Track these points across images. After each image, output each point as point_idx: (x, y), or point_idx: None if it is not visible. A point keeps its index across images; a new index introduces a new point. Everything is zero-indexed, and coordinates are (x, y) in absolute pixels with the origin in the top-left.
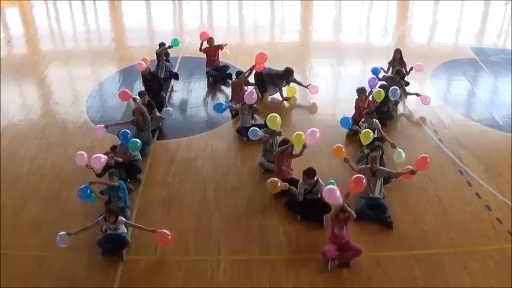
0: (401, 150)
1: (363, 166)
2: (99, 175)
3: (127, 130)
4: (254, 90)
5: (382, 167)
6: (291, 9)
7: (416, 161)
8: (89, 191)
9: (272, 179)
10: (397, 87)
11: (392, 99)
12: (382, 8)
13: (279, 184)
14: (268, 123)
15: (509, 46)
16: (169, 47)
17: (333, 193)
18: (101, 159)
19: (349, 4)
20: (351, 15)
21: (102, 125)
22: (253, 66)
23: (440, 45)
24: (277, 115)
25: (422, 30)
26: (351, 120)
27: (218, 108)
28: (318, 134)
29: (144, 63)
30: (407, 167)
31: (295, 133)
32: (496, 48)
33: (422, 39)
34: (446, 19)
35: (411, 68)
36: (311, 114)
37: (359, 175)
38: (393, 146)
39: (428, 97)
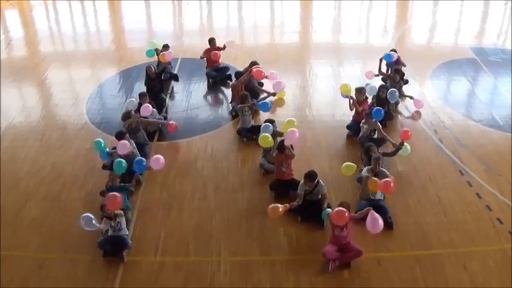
0: (406, 144)
1: (366, 168)
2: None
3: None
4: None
5: (383, 169)
6: (291, 10)
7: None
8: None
9: (272, 205)
10: (395, 90)
11: (391, 101)
12: (382, 9)
13: (280, 210)
14: (260, 143)
15: (508, 46)
16: (166, 46)
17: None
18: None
19: (348, 5)
20: (351, 16)
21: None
22: (250, 70)
23: (440, 46)
24: (269, 135)
25: (422, 30)
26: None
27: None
28: (296, 134)
29: (170, 53)
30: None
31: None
32: (495, 48)
33: (422, 40)
34: (445, 19)
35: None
36: (311, 115)
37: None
38: (395, 146)
39: (421, 101)
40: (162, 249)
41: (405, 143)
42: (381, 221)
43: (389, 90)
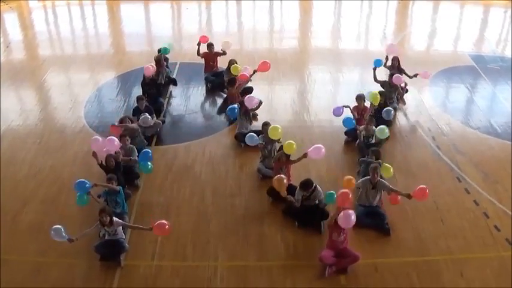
0: (384, 126)
1: (364, 179)
2: (102, 166)
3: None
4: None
5: (383, 180)
6: (290, 15)
7: (416, 190)
8: (87, 185)
9: (279, 176)
10: (391, 109)
11: (386, 119)
12: (381, 15)
13: (285, 181)
14: (270, 135)
15: (508, 54)
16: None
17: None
18: (115, 141)
19: (348, 11)
20: (350, 22)
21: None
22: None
23: (439, 53)
24: (279, 126)
25: (421, 37)
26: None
27: (231, 112)
28: (322, 150)
29: (151, 67)
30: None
31: (286, 142)
32: (494, 55)
33: (421, 47)
34: (445, 26)
35: (416, 74)
36: (309, 120)
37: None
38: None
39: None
40: (159, 254)
41: (383, 127)
42: (353, 217)
43: (384, 109)
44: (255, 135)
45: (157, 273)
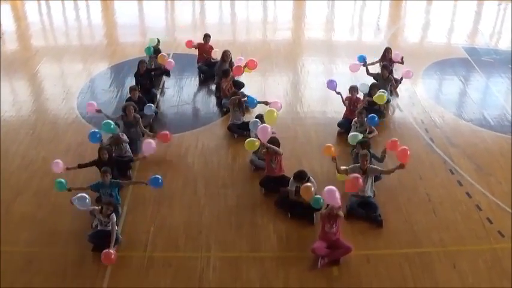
0: (382, 93)
1: (353, 165)
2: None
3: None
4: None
5: (373, 166)
6: (284, 7)
7: (397, 154)
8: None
9: (307, 185)
10: (384, 91)
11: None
12: (375, 7)
13: (312, 189)
14: (265, 119)
15: (501, 46)
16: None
17: (332, 194)
18: (59, 164)
19: (341, 2)
20: (344, 14)
21: (95, 104)
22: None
23: (432, 45)
24: (275, 110)
25: (415, 29)
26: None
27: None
28: (337, 194)
29: (172, 61)
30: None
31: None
32: (488, 48)
33: (414, 39)
34: (438, 19)
35: (401, 79)
36: (302, 111)
37: (355, 175)
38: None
39: (410, 71)
40: (151, 245)
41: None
42: (337, 194)
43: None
44: (258, 120)
45: (149, 264)
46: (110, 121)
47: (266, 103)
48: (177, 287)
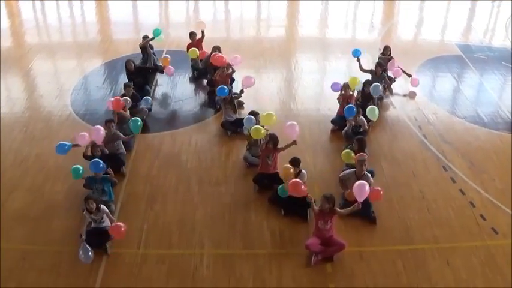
0: (374, 107)
1: (348, 171)
2: (87, 157)
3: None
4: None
5: (368, 174)
6: (277, 4)
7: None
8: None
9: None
10: (378, 84)
11: (374, 96)
12: (369, 4)
13: (291, 170)
14: (252, 135)
15: (495, 43)
16: (152, 38)
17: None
18: (100, 131)
19: (335, 0)
20: (338, 11)
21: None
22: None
23: (426, 42)
24: (261, 127)
25: (409, 26)
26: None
27: (221, 92)
28: (296, 128)
29: (172, 69)
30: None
31: (265, 113)
32: (482, 45)
33: (408, 36)
34: (432, 16)
35: (394, 78)
36: (296, 109)
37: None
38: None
39: (417, 79)
40: (145, 242)
41: (373, 107)
42: (367, 188)
43: (372, 84)
44: (252, 117)
45: (143, 261)
46: (78, 167)
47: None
48: (171, 285)
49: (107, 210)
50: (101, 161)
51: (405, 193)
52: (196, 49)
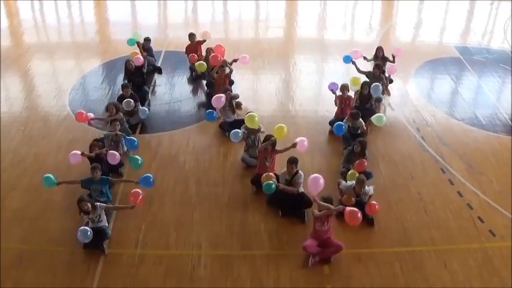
0: (381, 114)
1: (348, 185)
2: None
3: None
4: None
5: (368, 188)
6: (276, 5)
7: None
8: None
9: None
10: (379, 84)
11: (374, 96)
12: (367, 6)
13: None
14: (246, 123)
15: (493, 45)
16: (147, 40)
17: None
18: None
19: (334, 1)
20: (336, 12)
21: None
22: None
23: (424, 44)
24: (255, 114)
25: (407, 28)
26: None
27: (209, 116)
28: (305, 142)
29: (141, 58)
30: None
31: (277, 126)
32: (480, 47)
33: (406, 37)
34: (431, 18)
35: (393, 57)
36: (294, 110)
37: (352, 209)
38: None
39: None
40: (142, 242)
41: (381, 114)
42: (321, 181)
43: (373, 84)
44: (239, 131)
45: (140, 261)
46: (50, 176)
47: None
48: (168, 285)
49: (103, 205)
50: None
51: (403, 195)
52: (204, 63)
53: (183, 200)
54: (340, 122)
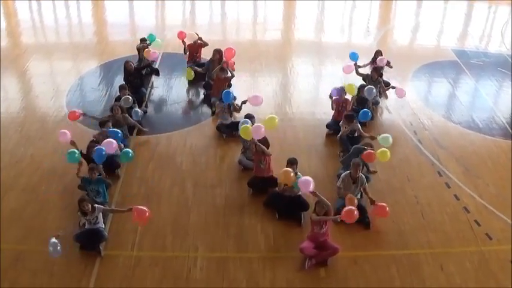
0: (387, 135)
1: (343, 175)
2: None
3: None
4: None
5: (364, 176)
6: (274, 8)
7: (376, 207)
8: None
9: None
10: (372, 87)
11: (368, 98)
12: (365, 9)
13: (291, 174)
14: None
15: (491, 49)
16: (150, 43)
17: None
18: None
19: (332, 4)
20: (334, 15)
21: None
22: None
23: (422, 47)
24: (249, 126)
25: (405, 31)
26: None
27: (226, 96)
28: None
29: (156, 52)
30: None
31: (267, 117)
32: (477, 51)
33: (404, 41)
34: (428, 21)
35: (389, 62)
36: (291, 112)
37: (350, 207)
38: (373, 138)
39: (403, 90)
40: (139, 244)
41: (387, 135)
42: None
43: (366, 87)
44: (248, 120)
45: (136, 263)
46: (74, 150)
47: (244, 102)
48: (164, 287)
49: (101, 207)
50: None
51: (400, 198)
52: (192, 71)
53: (180, 201)
54: (366, 110)
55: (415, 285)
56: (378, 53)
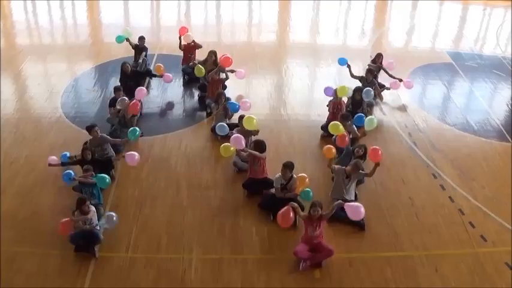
0: (372, 117)
1: (339, 167)
2: (76, 161)
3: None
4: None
5: (359, 172)
6: (269, 10)
7: (369, 154)
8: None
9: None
10: (370, 89)
11: (365, 100)
12: (360, 11)
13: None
14: (244, 125)
15: (485, 51)
16: (142, 38)
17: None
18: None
19: (327, 6)
20: (329, 17)
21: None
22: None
23: (417, 49)
24: (254, 117)
25: (400, 33)
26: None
27: (233, 107)
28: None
29: (170, 76)
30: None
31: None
32: (472, 53)
33: (399, 43)
34: (423, 23)
35: (387, 87)
36: (286, 114)
37: (287, 208)
38: (364, 135)
39: (411, 81)
40: (133, 245)
41: (371, 117)
42: (362, 209)
43: (365, 89)
44: (225, 125)
45: (131, 264)
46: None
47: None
48: None
49: (94, 209)
50: (72, 173)
51: (394, 200)
52: (203, 68)
53: (175, 203)
54: (360, 114)
55: (409, 287)
56: (379, 56)
